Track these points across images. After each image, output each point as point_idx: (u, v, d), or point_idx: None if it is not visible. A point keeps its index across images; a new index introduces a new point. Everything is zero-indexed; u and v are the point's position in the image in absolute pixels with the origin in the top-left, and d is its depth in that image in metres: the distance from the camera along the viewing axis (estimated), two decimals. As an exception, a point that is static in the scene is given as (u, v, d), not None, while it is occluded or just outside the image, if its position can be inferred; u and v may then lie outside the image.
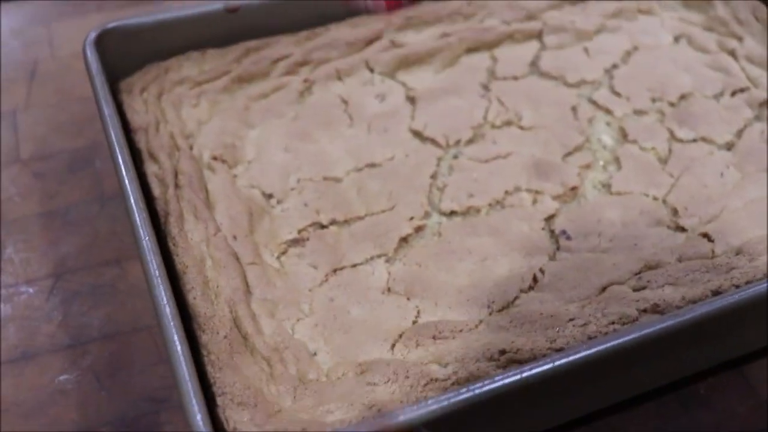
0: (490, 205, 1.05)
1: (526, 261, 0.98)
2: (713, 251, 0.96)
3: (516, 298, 0.94)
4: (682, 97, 1.18)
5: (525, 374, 0.79)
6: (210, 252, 0.95)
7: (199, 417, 0.75)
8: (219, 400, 0.81)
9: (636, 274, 0.94)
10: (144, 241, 0.89)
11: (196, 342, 0.87)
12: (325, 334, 0.91)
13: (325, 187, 1.06)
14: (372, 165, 1.09)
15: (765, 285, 0.86)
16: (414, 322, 0.92)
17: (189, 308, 0.89)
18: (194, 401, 0.76)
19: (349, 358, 0.88)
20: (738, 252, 0.95)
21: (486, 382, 0.78)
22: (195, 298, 0.89)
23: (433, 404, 0.77)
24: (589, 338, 0.86)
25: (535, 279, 0.96)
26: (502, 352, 0.85)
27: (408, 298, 0.95)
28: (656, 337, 0.82)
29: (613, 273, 0.94)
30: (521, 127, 1.14)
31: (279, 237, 1.01)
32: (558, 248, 1.00)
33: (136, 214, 0.92)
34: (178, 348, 0.80)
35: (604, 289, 0.93)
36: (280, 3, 1.25)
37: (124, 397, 0.98)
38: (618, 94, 1.19)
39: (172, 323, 0.81)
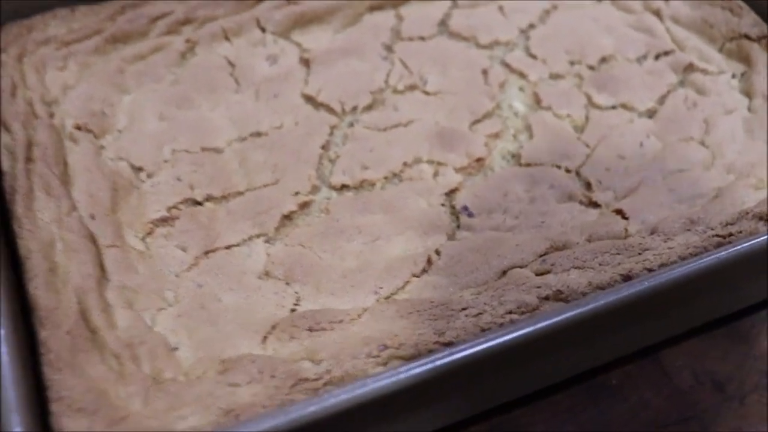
0: (386, 178, 0.94)
1: (421, 241, 0.88)
2: (627, 230, 0.87)
3: (406, 283, 0.84)
4: (603, 60, 1.09)
5: (402, 375, 0.69)
6: (61, 234, 0.83)
7: (18, 430, 0.65)
8: (53, 407, 0.70)
9: (541, 255, 0.85)
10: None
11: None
12: (190, 325, 0.80)
13: (203, 159, 0.95)
14: (257, 134, 0.98)
15: (678, 269, 0.76)
16: (292, 311, 0.82)
17: (29, 300, 0.77)
18: (13, 411, 0.65)
19: (213, 354, 0.77)
20: (653, 231, 0.85)
21: (358, 384, 0.68)
22: (36, 288, 0.78)
23: (296, 410, 0.67)
24: (482, 330, 0.76)
25: (429, 261, 0.86)
26: (384, 347, 0.74)
27: (287, 284, 0.85)
28: (554, 329, 0.73)
29: (515, 255, 0.85)
30: (426, 92, 1.04)
31: (146, 215, 0.89)
32: (458, 226, 0.90)
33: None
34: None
35: (504, 273, 0.83)
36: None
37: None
38: (533, 57, 1.09)
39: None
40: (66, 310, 0.77)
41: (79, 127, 0.96)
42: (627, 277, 0.80)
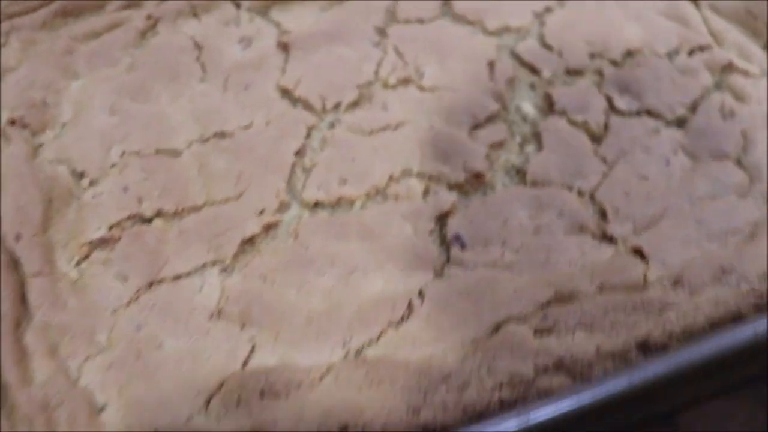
0: (367, 195, 0.81)
1: (403, 278, 0.75)
2: (646, 277, 0.74)
3: (381, 333, 0.71)
4: (628, 53, 0.93)
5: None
6: (-22, 260, 0.70)
7: None
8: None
9: (542, 306, 0.71)
10: None
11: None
12: (122, 380, 0.68)
13: (156, 164, 0.82)
14: (222, 134, 0.85)
15: (706, 345, 0.63)
16: (244, 364, 0.69)
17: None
18: None
19: (144, 420, 0.65)
20: (676, 281, 0.72)
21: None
22: (-63, 333, 0.65)
23: None
24: (465, 409, 0.63)
25: (410, 307, 0.73)
26: (344, 427, 0.62)
27: (242, 326, 0.72)
28: (550, 424, 0.59)
29: (512, 304, 0.72)
30: (421, 88, 0.89)
31: (83, 235, 0.77)
32: (448, 260, 0.77)
33: None
34: None
35: (497, 328, 0.71)
36: None
37: None
38: (549, 47, 0.93)
39: None
40: (-28, 362, 0.64)
41: (13, 122, 0.82)
42: (643, 345, 0.67)
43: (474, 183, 0.83)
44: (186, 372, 0.69)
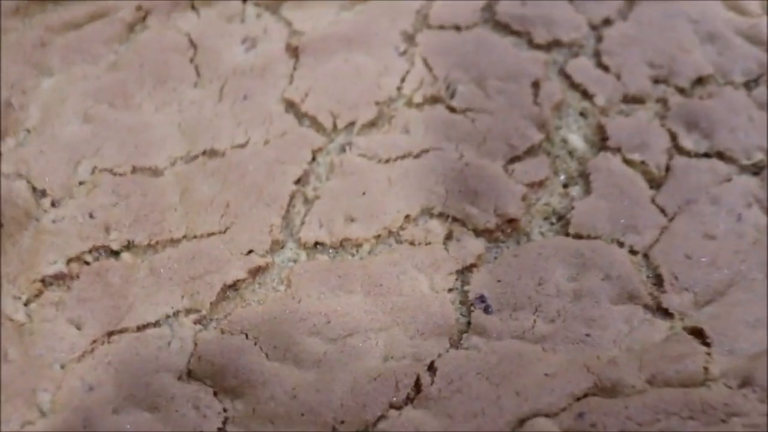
0: (378, 237, 0.68)
1: (412, 346, 0.62)
2: (707, 370, 0.59)
3: (380, 419, 0.58)
4: (698, 81, 0.79)
5: None
6: None
7: None
8: None
9: (578, 399, 0.57)
10: None
11: None
12: None
13: (132, 186, 0.69)
14: (212, 153, 0.72)
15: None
16: (212, 444, 0.56)
17: None
18: None
19: None
20: (745, 380, 0.58)
21: None
22: None
23: None
24: None
25: (418, 385, 0.59)
26: None
27: (215, 394, 0.59)
28: None
29: (542, 393, 0.59)
30: (452, 109, 0.76)
31: (37, 268, 0.65)
32: (468, 327, 0.64)
33: None
34: None
35: (521, 423, 0.57)
36: None
37: None
38: (605, 68, 0.79)
39: None
40: None
41: (-32, 126, 0.69)
42: (702, 464, 0.53)
43: (506, 230, 0.69)
44: (140, 450, 0.56)
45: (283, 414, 0.59)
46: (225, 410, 0.60)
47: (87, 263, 0.66)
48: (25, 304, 0.64)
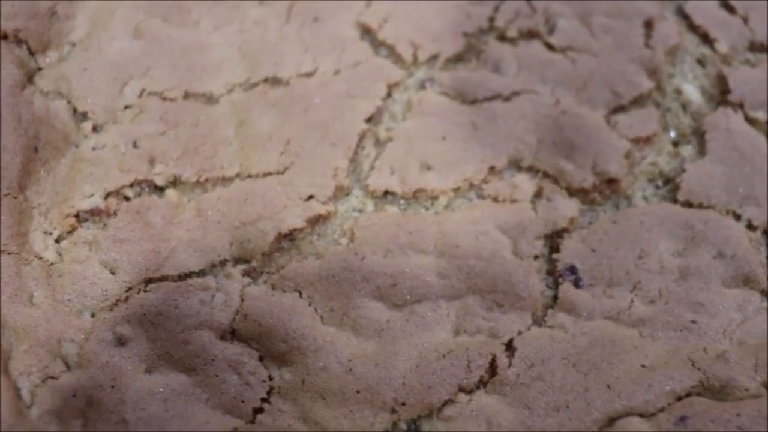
0: (456, 190, 0.59)
1: (489, 320, 0.54)
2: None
3: (446, 403, 0.50)
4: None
5: None
6: None
7: None
8: None
9: (679, 399, 0.49)
10: None
11: None
12: (86, 416, 0.49)
13: (182, 113, 0.62)
14: (274, 81, 0.64)
15: None
16: (254, 415, 0.49)
17: None
18: None
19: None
20: None
21: None
22: None
23: None
24: None
25: (493, 366, 0.51)
26: None
27: (260, 359, 0.52)
28: None
29: (637, 387, 0.50)
30: (550, 46, 0.66)
31: (71, 200, 0.57)
32: (555, 302, 0.55)
33: None
34: None
35: (611, 422, 0.49)
36: None
37: None
38: (731, 9, 0.69)
39: None
40: None
41: (6, 36, 0.62)
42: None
43: (604, 191, 0.60)
44: (172, 417, 0.49)
45: (336, 389, 0.52)
46: (270, 378, 0.53)
47: (127, 199, 0.58)
48: (56, 241, 0.57)
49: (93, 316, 0.54)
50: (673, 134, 0.64)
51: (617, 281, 0.56)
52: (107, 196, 0.58)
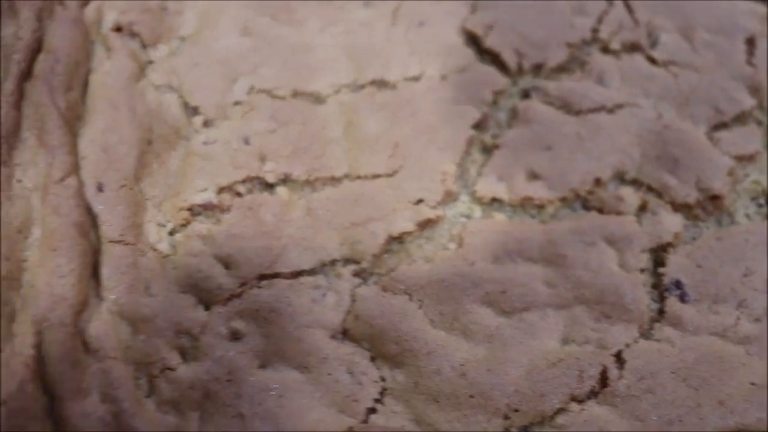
0: (563, 200, 0.59)
1: (597, 331, 0.55)
2: None
3: (559, 412, 0.50)
4: None
5: None
6: (43, 213, 0.52)
7: None
8: None
9: (793, 420, 0.49)
10: None
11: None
12: (201, 409, 0.49)
13: (292, 111, 0.62)
14: (381, 84, 0.64)
15: None
16: (366, 416, 0.50)
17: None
18: None
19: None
20: None
21: None
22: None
23: None
24: None
25: (603, 376, 0.51)
26: None
27: (372, 359, 0.53)
28: None
29: (748, 404, 0.50)
30: (652, 60, 0.67)
31: (184, 194, 0.57)
32: (661, 315, 0.55)
33: None
34: None
35: (723, 438, 0.49)
36: None
37: None
38: (834, 28, 0.68)
39: None
40: (12, 364, 0.47)
41: (120, 28, 0.63)
42: None
43: (708, 207, 0.60)
44: (288, 414, 0.50)
45: (449, 392, 0.52)
46: (383, 379, 0.53)
47: (239, 195, 0.59)
48: (170, 234, 0.58)
49: (207, 309, 0.55)
50: (777, 154, 0.64)
51: (723, 298, 0.57)
52: (220, 190, 0.59)
